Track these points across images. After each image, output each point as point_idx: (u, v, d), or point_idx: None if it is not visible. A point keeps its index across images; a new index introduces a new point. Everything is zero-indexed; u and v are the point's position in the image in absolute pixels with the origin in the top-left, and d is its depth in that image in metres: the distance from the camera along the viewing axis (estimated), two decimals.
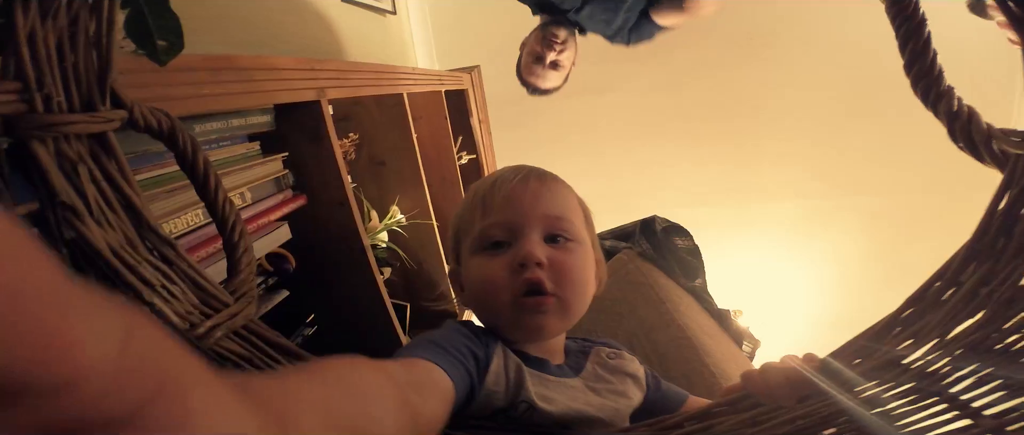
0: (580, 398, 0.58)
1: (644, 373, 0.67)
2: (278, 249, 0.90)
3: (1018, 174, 0.41)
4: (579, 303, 0.62)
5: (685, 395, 0.69)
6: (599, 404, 0.58)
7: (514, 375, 0.55)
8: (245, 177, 0.81)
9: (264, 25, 1.32)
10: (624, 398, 0.61)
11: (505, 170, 0.67)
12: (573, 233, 0.62)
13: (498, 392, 0.53)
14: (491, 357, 0.56)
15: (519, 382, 0.54)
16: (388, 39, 2.39)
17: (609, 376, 0.63)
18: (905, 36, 0.54)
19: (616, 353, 0.67)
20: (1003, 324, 0.34)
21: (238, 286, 0.47)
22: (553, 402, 0.54)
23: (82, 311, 0.13)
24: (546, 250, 0.59)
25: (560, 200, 0.64)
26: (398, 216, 1.39)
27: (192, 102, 0.66)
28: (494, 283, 0.59)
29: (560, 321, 0.61)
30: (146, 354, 0.14)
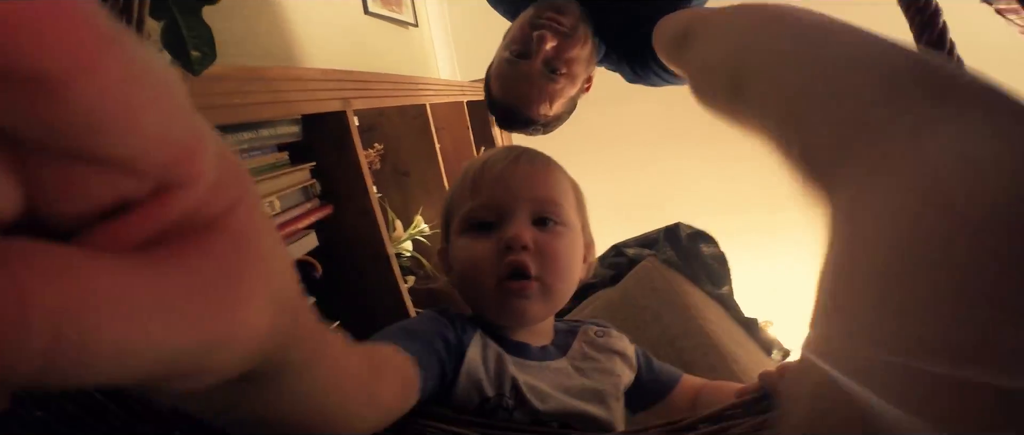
0: (565, 380, 0.58)
1: (635, 352, 0.67)
2: (305, 256, 0.91)
3: None
4: (563, 287, 0.61)
5: (677, 376, 0.68)
6: (586, 384, 0.58)
7: (494, 363, 0.55)
8: (274, 186, 0.83)
9: (290, 38, 1.35)
10: (612, 376, 0.61)
11: (497, 150, 0.66)
12: (562, 216, 0.61)
13: (479, 379, 0.53)
14: (467, 345, 0.55)
15: (500, 370, 0.54)
16: (411, 51, 2.42)
17: (596, 354, 0.63)
18: (920, 29, 0.52)
19: (604, 331, 0.67)
20: None
21: None
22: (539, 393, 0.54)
23: (199, 118, 0.15)
24: (533, 233, 0.59)
25: (551, 182, 0.63)
26: (422, 225, 1.40)
27: (223, 112, 0.67)
28: (479, 265, 0.58)
29: (543, 306, 0.60)
30: (231, 165, 0.17)
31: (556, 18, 0.94)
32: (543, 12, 0.95)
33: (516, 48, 0.97)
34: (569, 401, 0.54)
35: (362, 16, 1.88)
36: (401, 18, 2.25)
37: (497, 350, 0.56)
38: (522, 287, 0.57)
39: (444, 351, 0.52)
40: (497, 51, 1.05)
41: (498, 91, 1.03)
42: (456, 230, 0.63)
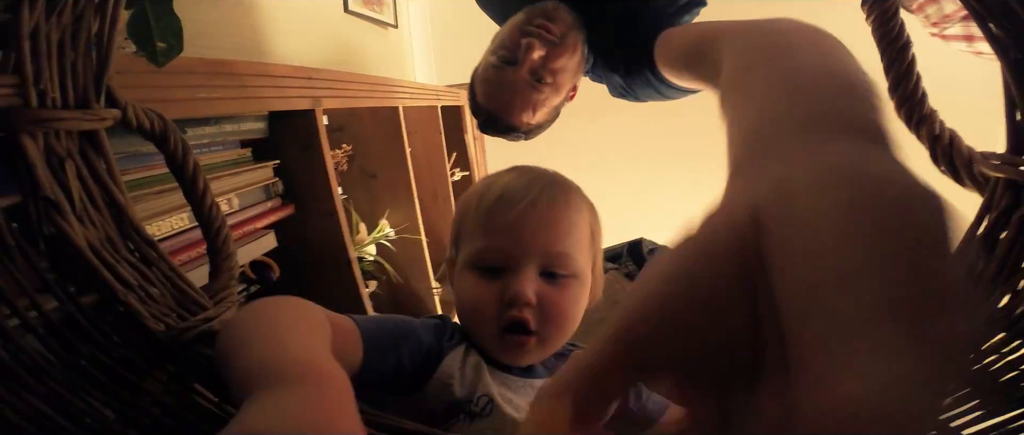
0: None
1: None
2: (262, 257, 0.89)
3: (998, 197, 0.42)
4: (561, 339, 0.62)
5: (664, 406, 0.67)
6: None
7: (471, 372, 0.56)
8: (234, 183, 0.81)
9: (266, 32, 1.33)
10: None
11: (519, 181, 0.62)
12: (571, 268, 0.60)
13: (452, 384, 0.54)
14: (447, 352, 0.57)
15: (477, 378, 0.55)
16: (388, 52, 2.41)
17: None
18: (890, 59, 0.55)
19: None
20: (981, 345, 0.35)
21: (219, 291, 0.47)
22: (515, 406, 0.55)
23: None
24: (539, 286, 0.58)
25: (564, 230, 0.61)
26: (387, 230, 1.39)
27: (186, 105, 0.66)
28: (481, 309, 0.58)
29: (539, 354, 0.61)
30: None
31: (546, 25, 0.92)
32: (534, 18, 0.93)
33: (504, 54, 0.94)
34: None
35: (342, 14, 1.86)
36: (381, 18, 2.24)
37: (478, 361, 0.58)
38: (521, 342, 0.57)
39: (410, 348, 0.54)
40: (484, 54, 1.02)
41: (482, 96, 1.02)
42: (464, 262, 0.61)
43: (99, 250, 0.38)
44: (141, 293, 0.39)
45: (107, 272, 0.37)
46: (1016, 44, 0.45)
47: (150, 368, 0.36)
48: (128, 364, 0.35)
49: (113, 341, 0.36)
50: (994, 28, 0.46)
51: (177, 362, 0.38)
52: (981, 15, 0.46)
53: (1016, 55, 0.45)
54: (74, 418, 0.32)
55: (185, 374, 0.38)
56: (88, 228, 0.39)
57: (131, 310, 0.37)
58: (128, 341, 0.36)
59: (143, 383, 0.35)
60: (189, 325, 0.39)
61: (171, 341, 0.37)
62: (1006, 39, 0.45)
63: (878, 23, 0.57)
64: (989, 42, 0.47)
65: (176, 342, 0.38)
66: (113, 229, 0.42)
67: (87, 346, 0.34)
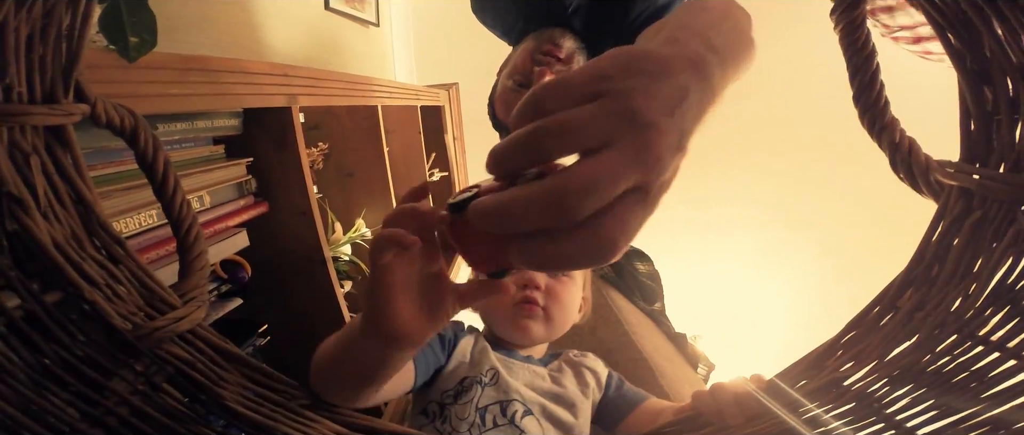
0: (538, 381, 0.74)
1: (606, 374, 0.81)
2: (234, 256, 0.88)
3: (951, 204, 0.43)
4: (561, 320, 0.81)
5: (642, 397, 0.78)
6: (554, 389, 0.73)
7: (479, 354, 0.74)
8: (206, 180, 0.80)
9: (245, 29, 1.32)
10: (580, 387, 0.75)
11: None
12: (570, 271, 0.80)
13: (463, 362, 0.73)
14: (460, 339, 0.77)
15: (483, 356, 0.73)
16: (369, 50, 2.39)
17: (569, 369, 0.79)
18: (855, 68, 0.57)
19: (581, 354, 0.83)
20: (936, 347, 0.36)
21: (188, 290, 0.47)
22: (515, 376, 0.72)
23: None
24: (546, 279, 0.79)
25: None
26: (363, 229, 1.39)
27: (158, 101, 0.65)
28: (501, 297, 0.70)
29: (544, 329, 0.79)
30: None
31: (554, 52, 1.06)
32: (543, 45, 1.07)
33: (519, 78, 1.09)
34: (537, 397, 0.70)
35: (322, 11, 1.85)
36: (362, 16, 2.23)
37: (485, 346, 0.76)
38: (531, 309, 0.78)
39: (438, 345, 0.73)
40: (500, 77, 1.18)
41: (502, 115, 1.16)
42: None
43: (64, 247, 0.37)
44: (108, 291, 0.39)
45: (72, 270, 0.37)
46: (973, 55, 0.46)
47: (116, 367, 0.36)
48: (93, 363, 0.35)
49: (78, 340, 0.35)
50: (953, 39, 0.47)
51: (144, 362, 0.37)
52: (941, 26, 0.48)
53: (972, 66, 0.46)
54: (37, 417, 0.32)
55: (152, 374, 0.37)
56: (53, 225, 0.38)
57: (97, 308, 0.36)
58: (94, 340, 0.36)
59: (108, 382, 0.34)
60: (157, 325, 0.39)
61: (138, 340, 0.37)
62: (963, 50, 0.47)
63: (845, 32, 0.59)
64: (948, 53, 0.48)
65: (144, 341, 0.37)
66: (79, 226, 0.42)
67: (51, 345, 0.34)
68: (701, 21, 0.39)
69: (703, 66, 0.32)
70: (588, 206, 0.26)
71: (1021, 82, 0.43)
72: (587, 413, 0.72)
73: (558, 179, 0.26)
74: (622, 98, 0.27)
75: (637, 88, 0.28)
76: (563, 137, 0.27)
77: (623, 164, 0.27)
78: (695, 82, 0.31)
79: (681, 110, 0.30)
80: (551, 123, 0.27)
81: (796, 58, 2.75)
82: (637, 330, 1.11)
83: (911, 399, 0.34)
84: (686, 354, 1.20)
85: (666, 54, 0.31)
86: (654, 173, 0.28)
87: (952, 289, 0.38)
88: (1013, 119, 0.43)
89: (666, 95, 0.29)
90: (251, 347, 0.93)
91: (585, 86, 0.28)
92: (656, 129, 0.28)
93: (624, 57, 0.29)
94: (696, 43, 0.34)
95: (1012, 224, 0.37)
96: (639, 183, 0.28)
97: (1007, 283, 0.35)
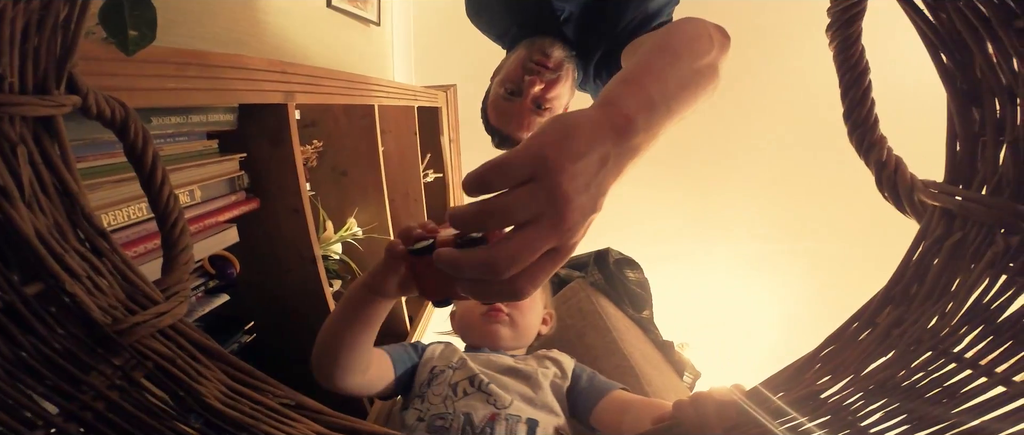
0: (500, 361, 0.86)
1: (573, 366, 0.90)
2: (223, 252, 0.88)
3: (933, 225, 0.43)
4: (525, 326, 0.95)
5: (611, 387, 0.86)
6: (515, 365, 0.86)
7: (447, 349, 0.88)
8: (197, 174, 0.80)
9: (247, 25, 1.32)
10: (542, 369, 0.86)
11: None
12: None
13: (433, 358, 0.86)
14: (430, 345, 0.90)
15: (451, 351, 0.87)
16: (369, 49, 2.40)
17: (533, 358, 0.90)
18: (847, 84, 0.57)
19: (549, 351, 0.94)
20: (911, 363, 0.36)
21: (171, 285, 0.47)
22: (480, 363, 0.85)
23: None
24: None
25: None
26: (355, 228, 1.38)
27: (154, 95, 0.65)
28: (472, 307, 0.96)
29: (510, 332, 0.94)
30: None
31: (544, 62, 1.11)
32: (533, 54, 1.12)
33: (510, 87, 1.15)
34: (495, 374, 0.83)
35: (324, 9, 1.85)
36: (364, 15, 2.23)
37: (454, 346, 0.90)
38: (498, 314, 0.94)
39: (411, 348, 0.89)
40: (493, 84, 1.22)
41: (494, 120, 1.21)
42: None
43: (47, 238, 0.37)
44: (89, 284, 0.39)
45: (54, 261, 0.37)
46: (964, 75, 0.47)
47: (95, 362, 0.36)
48: (71, 357, 0.35)
49: (57, 333, 0.35)
50: (945, 58, 0.48)
51: (123, 356, 0.37)
52: (934, 45, 0.48)
53: (962, 86, 0.47)
54: (12, 411, 0.32)
55: (131, 369, 0.37)
56: (37, 215, 0.38)
57: (77, 301, 0.36)
58: (72, 333, 0.36)
59: (86, 376, 0.34)
60: (137, 319, 0.39)
61: (118, 335, 0.37)
62: (955, 70, 0.47)
63: (839, 48, 0.59)
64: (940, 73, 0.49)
65: (123, 336, 0.37)
66: (63, 217, 0.42)
67: (29, 337, 0.34)
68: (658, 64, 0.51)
69: (628, 130, 0.42)
70: (512, 271, 0.36)
71: (1009, 104, 0.43)
72: (546, 387, 0.82)
73: (493, 251, 0.36)
74: (547, 183, 0.36)
75: (562, 171, 0.37)
76: (501, 218, 0.37)
77: (542, 238, 0.37)
78: (616, 148, 0.41)
79: (598, 179, 0.39)
80: (494, 207, 0.36)
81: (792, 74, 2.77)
82: (625, 337, 1.12)
83: (884, 413, 0.35)
84: (672, 362, 1.21)
85: (592, 129, 0.40)
86: (567, 238, 0.38)
87: (929, 307, 0.38)
88: (998, 141, 0.44)
89: (586, 171, 0.38)
90: (236, 344, 0.93)
91: (522, 169, 0.37)
92: (573, 206, 0.37)
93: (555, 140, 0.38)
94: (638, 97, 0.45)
95: (991, 246, 0.37)
96: (555, 246, 0.38)
97: (983, 303, 0.35)
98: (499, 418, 0.74)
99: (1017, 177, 0.40)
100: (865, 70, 0.58)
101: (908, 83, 1.98)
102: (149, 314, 0.40)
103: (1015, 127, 0.42)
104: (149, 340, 0.40)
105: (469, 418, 0.75)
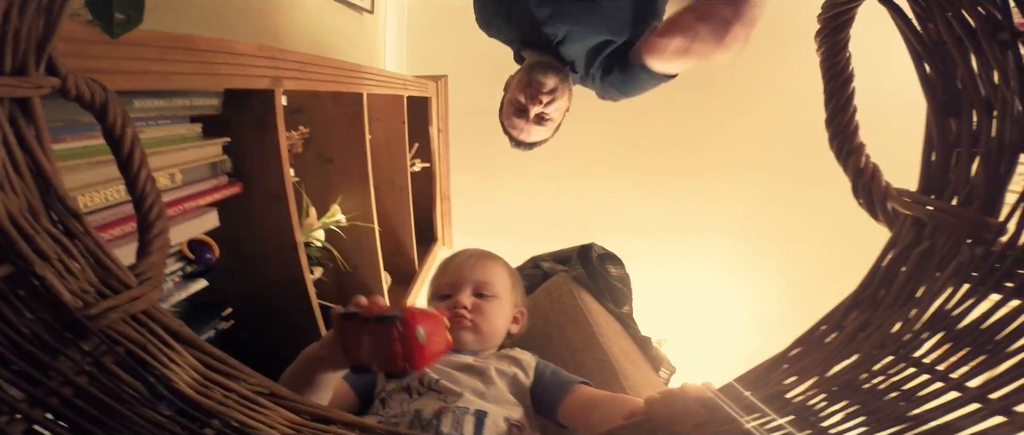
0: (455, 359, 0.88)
1: (536, 363, 0.92)
2: (202, 236, 0.87)
3: (903, 234, 0.44)
4: (488, 330, 0.97)
5: (574, 381, 0.87)
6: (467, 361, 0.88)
7: None
8: (178, 158, 0.79)
9: (237, 9, 1.30)
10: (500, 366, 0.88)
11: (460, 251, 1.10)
12: (494, 291, 1.00)
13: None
14: None
15: None
16: (361, 37, 2.38)
17: (495, 358, 0.92)
18: (831, 91, 0.58)
19: (511, 349, 0.97)
20: (873, 365, 0.37)
21: (146, 269, 0.47)
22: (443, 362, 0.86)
23: None
24: (472, 300, 0.98)
25: (488, 272, 1.03)
26: (338, 216, 1.38)
27: (137, 78, 0.65)
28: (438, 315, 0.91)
29: (473, 337, 0.95)
30: None
31: (542, 86, 1.38)
32: (533, 79, 1.39)
33: (517, 106, 1.45)
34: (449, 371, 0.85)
35: None
36: (357, 2, 2.22)
37: None
38: (460, 320, 0.95)
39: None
40: (504, 98, 1.53)
41: (506, 128, 1.54)
42: (430, 296, 1.07)
43: (18, 219, 0.37)
44: (60, 267, 0.38)
45: (24, 243, 0.36)
46: (945, 86, 0.47)
47: (64, 347, 0.36)
48: (39, 342, 0.34)
49: (25, 317, 0.35)
50: (928, 68, 0.48)
51: (93, 341, 0.37)
52: (919, 55, 0.49)
53: (942, 96, 0.47)
54: None
55: (101, 354, 0.37)
56: (8, 196, 0.38)
57: (47, 284, 0.36)
58: (41, 318, 0.35)
59: (54, 362, 0.34)
60: (109, 304, 0.39)
61: (88, 319, 0.37)
62: (937, 80, 0.48)
63: (826, 55, 0.60)
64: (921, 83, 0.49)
65: (94, 321, 0.37)
66: (36, 198, 0.41)
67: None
68: None
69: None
70: None
71: (985, 116, 0.44)
72: (499, 381, 0.85)
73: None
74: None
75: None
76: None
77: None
78: None
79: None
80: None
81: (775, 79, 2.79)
82: (605, 332, 1.13)
83: (845, 414, 0.35)
84: (650, 357, 1.22)
85: None
86: None
87: (895, 313, 0.39)
88: (971, 153, 0.44)
89: None
90: (212, 330, 0.92)
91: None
92: None
93: None
94: None
95: (957, 255, 0.38)
96: None
97: (944, 310, 0.36)
98: (446, 411, 0.76)
99: (987, 189, 0.41)
100: (850, 77, 0.58)
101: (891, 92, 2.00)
102: (121, 299, 0.40)
103: (989, 139, 0.43)
104: (120, 325, 0.39)
105: (418, 414, 0.77)
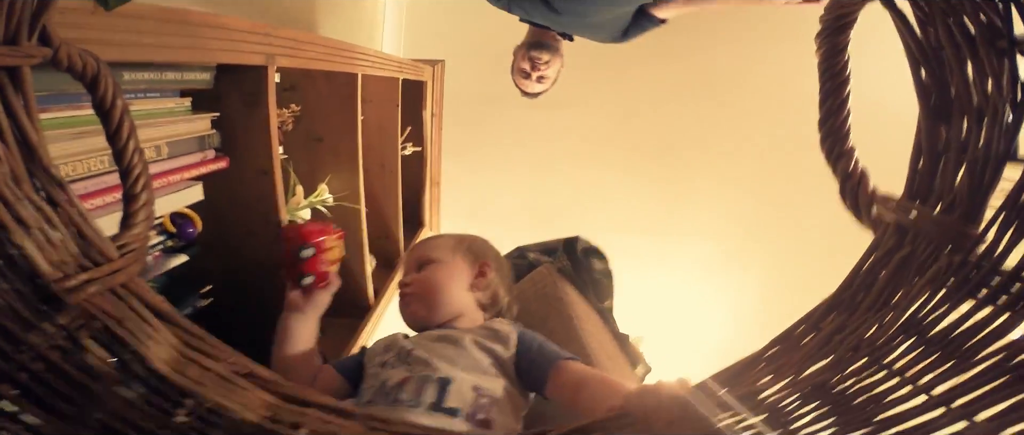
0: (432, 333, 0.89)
1: (518, 333, 0.89)
2: (185, 209, 0.87)
3: (885, 238, 0.45)
4: (435, 298, 0.96)
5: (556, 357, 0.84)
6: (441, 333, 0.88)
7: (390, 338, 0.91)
8: (167, 131, 0.78)
9: None
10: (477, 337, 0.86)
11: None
12: (431, 258, 1.01)
13: (376, 352, 0.89)
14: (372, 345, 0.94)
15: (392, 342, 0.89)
16: (360, 17, 2.36)
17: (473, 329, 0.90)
18: (826, 93, 0.58)
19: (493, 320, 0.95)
20: (846, 368, 0.37)
21: (128, 241, 0.46)
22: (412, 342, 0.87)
23: None
24: (413, 276, 1.00)
25: (427, 247, 1.05)
26: (325, 195, 1.37)
27: (130, 50, 0.64)
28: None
29: (422, 307, 0.96)
30: None
31: (539, 60, 1.97)
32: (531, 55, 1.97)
33: (522, 70, 2.03)
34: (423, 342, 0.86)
35: None
36: None
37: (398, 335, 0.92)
38: (405, 297, 0.99)
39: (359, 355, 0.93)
40: (513, 63, 2.08)
41: (516, 84, 2.12)
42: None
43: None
44: (40, 237, 0.38)
45: (5, 210, 0.36)
46: (939, 92, 0.48)
47: (38, 320, 0.35)
48: (13, 314, 0.34)
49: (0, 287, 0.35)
50: (924, 74, 0.49)
51: (70, 315, 0.37)
52: (916, 60, 0.49)
53: (936, 103, 0.48)
54: None
55: (76, 329, 0.37)
56: None
57: (25, 254, 0.36)
58: (17, 289, 0.35)
59: (26, 335, 0.34)
60: (88, 277, 0.38)
61: (65, 292, 0.36)
62: (931, 87, 0.48)
63: (825, 55, 0.60)
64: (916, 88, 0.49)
65: (71, 294, 0.37)
66: (20, 166, 0.41)
67: None
68: None
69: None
70: None
71: (975, 125, 0.44)
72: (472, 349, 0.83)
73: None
74: None
75: None
76: None
77: None
78: None
79: None
80: None
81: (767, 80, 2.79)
82: (585, 326, 1.13)
83: (816, 415, 0.36)
84: (627, 353, 1.23)
85: None
86: None
87: (871, 316, 0.39)
88: (958, 160, 0.45)
89: None
90: (190, 308, 0.92)
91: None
92: None
93: None
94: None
95: (935, 262, 0.39)
96: None
97: (919, 316, 0.36)
98: (410, 380, 0.77)
99: (970, 197, 0.41)
100: (846, 80, 0.58)
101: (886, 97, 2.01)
102: (101, 272, 0.40)
103: (976, 148, 0.43)
104: (98, 299, 0.39)
105: (384, 384, 0.78)
